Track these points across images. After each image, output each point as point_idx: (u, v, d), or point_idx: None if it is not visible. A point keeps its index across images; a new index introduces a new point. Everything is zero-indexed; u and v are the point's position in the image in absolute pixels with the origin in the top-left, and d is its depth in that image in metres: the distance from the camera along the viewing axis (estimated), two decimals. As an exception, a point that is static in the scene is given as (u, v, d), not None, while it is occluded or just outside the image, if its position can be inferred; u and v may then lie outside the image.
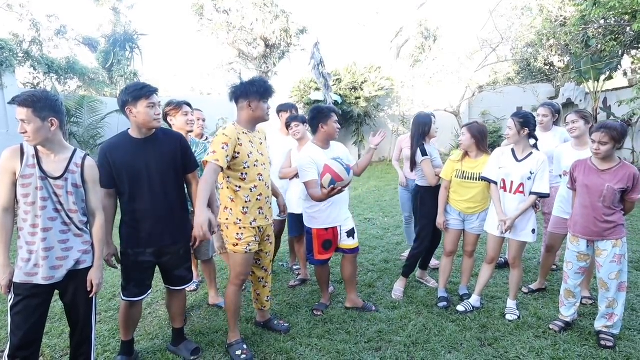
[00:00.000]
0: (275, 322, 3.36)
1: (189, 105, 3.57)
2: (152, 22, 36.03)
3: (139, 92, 2.57)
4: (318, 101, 13.28)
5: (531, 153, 3.35)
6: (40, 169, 2.22)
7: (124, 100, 2.59)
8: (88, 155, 2.43)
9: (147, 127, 2.64)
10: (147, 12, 36.02)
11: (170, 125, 3.53)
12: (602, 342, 2.97)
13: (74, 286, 2.35)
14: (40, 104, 2.15)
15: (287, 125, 4.05)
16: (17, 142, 2.31)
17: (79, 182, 2.33)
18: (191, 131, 3.55)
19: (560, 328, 3.19)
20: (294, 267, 4.59)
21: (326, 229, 3.41)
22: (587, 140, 3.52)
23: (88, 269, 2.37)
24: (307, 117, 3.73)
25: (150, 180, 2.66)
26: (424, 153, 3.74)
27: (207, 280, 3.84)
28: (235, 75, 19.48)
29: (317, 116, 3.37)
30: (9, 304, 2.25)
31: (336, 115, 3.44)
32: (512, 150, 3.42)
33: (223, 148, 2.66)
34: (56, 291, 2.36)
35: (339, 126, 3.45)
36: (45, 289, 2.26)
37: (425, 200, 3.86)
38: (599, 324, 3.07)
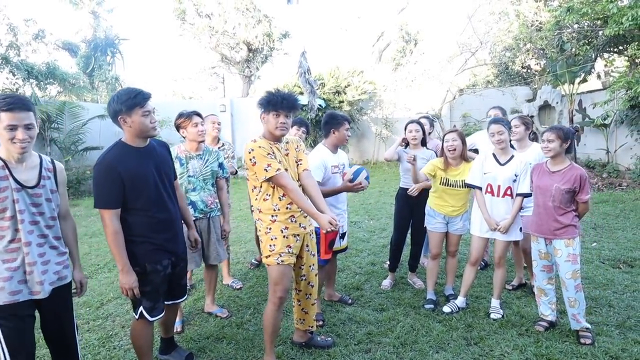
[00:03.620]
0: (319, 339, 3.20)
1: (199, 115, 3.50)
2: (133, 26, 35.57)
3: (133, 100, 2.34)
4: (302, 105, 13.36)
5: (512, 156, 3.49)
6: (15, 179, 2.06)
7: (116, 110, 2.36)
8: (54, 160, 2.33)
9: (143, 136, 2.46)
10: (128, 16, 35.58)
11: (184, 137, 3.51)
12: (582, 340, 3.10)
13: (57, 302, 2.24)
14: (33, 106, 2.08)
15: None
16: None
17: (54, 187, 2.23)
18: (202, 141, 3.52)
19: (545, 328, 3.30)
20: None
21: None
22: (527, 143, 3.93)
23: (67, 285, 2.28)
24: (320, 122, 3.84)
25: (164, 189, 2.54)
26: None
27: (207, 286, 3.78)
28: (218, 79, 19.44)
29: (330, 122, 3.47)
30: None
31: (349, 124, 3.50)
32: (494, 155, 3.54)
33: (271, 157, 2.65)
34: None
35: (350, 134, 3.53)
36: (31, 302, 2.14)
37: (397, 201, 4.24)
38: (574, 327, 3.20)
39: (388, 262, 4.56)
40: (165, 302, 2.73)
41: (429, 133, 4.86)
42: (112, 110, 2.40)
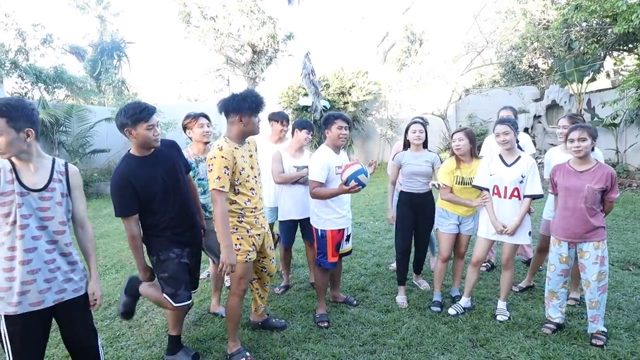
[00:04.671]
0: (274, 320, 3.50)
1: (206, 117, 3.59)
2: (139, 29, 35.86)
3: (138, 115, 2.54)
4: (306, 107, 13.36)
5: (519, 157, 3.43)
6: (20, 183, 2.03)
7: (123, 123, 2.57)
8: (68, 162, 2.30)
9: (147, 147, 2.66)
10: (133, 20, 35.88)
11: (190, 138, 3.61)
12: (594, 341, 3.06)
13: (73, 314, 2.21)
14: (16, 114, 1.97)
15: (293, 131, 4.13)
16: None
17: (65, 191, 2.19)
18: (208, 142, 3.58)
19: (552, 330, 3.26)
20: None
21: (339, 231, 3.51)
22: None
23: (81, 297, 2.23)
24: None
25: (175, 188, 2.74)
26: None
27: (213, 286, 3.81)
28: (223, 81, 19.50)
29: (324, 122, 3.53)
30: (6, 341, 2.04)
31: (343, 121, 3.46)
32: (500, 156, 3.49)
33: (225, 173, 2.74)
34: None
35: (345, 132, 3.47)
36: (38, 314, 2.08)
37: (400, 206, 3.96)
38: (591, 329, 3.14)
39: (392, 264, 4.53)
40: None
41: None
42: (119, 123, 2.61)
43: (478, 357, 2.97)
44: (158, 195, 2.66)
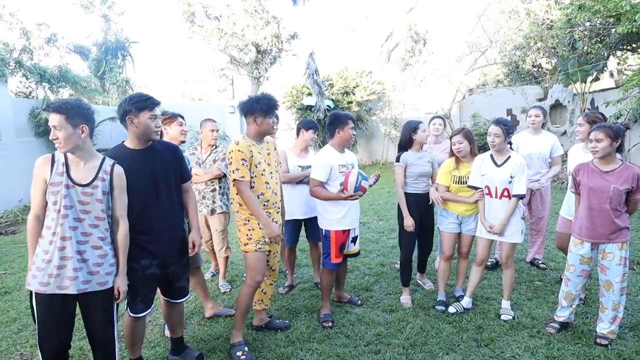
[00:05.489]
0: (277, 321, 3.53)
1: (182, 117, 3.65)
2: (143, 29, 35.89)
3: (143, 102, 2.55)
4: (310, 106, 13.37)
5: (509, 157, 3.46)
6: (68, 176, 2.25)
7: (126, 110, 2.54)
8: (117, 163, 2.42)
9: (146, 138, 2.60)
10: (138, 20, 35.90)
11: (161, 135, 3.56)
12: (599, 340, 3.06)
13: (94, 305, 2.35)
14: (73, 112, 2.21)
15: (298, 131, 4.15)
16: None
17: (107, 189, 2.34)
18: (184, 141, 3.60)
19: (557, 330, 3.26)
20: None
21: (343, 232, 3.52)
22: None
23: (104, 290, 2.35)
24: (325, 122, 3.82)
25: (157, 191, 2.63)
26: (397, 159, 3.88)
27: (201, 293, 3.70)
28: (227, 80, 19.53)
29: (334, 122, 3.55)
30: (34, 314, 2.28)
31: (353, 122, 3.57)
32: (491, 156, 3.51)
33: (243, 164, 2.93)
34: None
35: (355, 133, 3.58)
36: (63, 298, 2.25)
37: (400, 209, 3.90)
38: (604, 329, 3.10)
39: (397, 264, 4.52)
40: (166, 299, 2.92)
41: (440, 133, 4.83)
42: (122, 110, 2.58)
43: (482, 357, 2.98)
44: (131, 194, 2.50)
